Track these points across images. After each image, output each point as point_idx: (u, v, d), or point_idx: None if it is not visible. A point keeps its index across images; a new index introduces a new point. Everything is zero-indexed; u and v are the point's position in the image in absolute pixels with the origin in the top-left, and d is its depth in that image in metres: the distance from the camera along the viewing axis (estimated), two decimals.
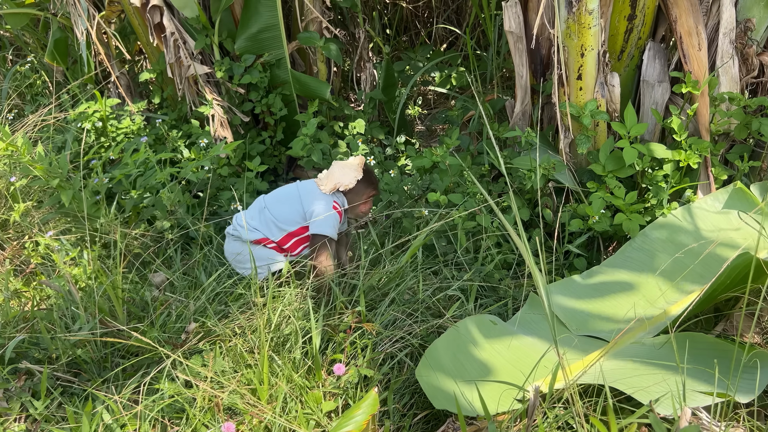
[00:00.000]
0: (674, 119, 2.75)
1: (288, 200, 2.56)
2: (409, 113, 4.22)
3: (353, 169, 2.58)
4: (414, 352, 1.98)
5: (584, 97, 2.83)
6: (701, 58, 2.79)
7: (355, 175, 2.56)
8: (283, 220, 2.51)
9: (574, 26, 2.66)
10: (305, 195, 2.55)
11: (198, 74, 3.46)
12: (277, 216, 2.51)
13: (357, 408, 1.62)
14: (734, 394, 1.50)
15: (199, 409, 1.59)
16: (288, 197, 2.57)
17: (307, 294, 2.02)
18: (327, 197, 2.53)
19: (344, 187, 2.54)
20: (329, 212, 2.46)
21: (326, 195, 2.54)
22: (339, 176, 2.55)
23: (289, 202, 2.54)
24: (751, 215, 2.34)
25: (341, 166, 2.59)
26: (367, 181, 2.60)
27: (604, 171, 2.78)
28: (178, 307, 2.07)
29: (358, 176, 2.56)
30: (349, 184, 2.54)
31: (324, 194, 2.54)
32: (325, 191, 2.53)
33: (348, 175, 2.56)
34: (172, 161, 3.36)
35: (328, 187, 2.53)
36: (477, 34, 4.63)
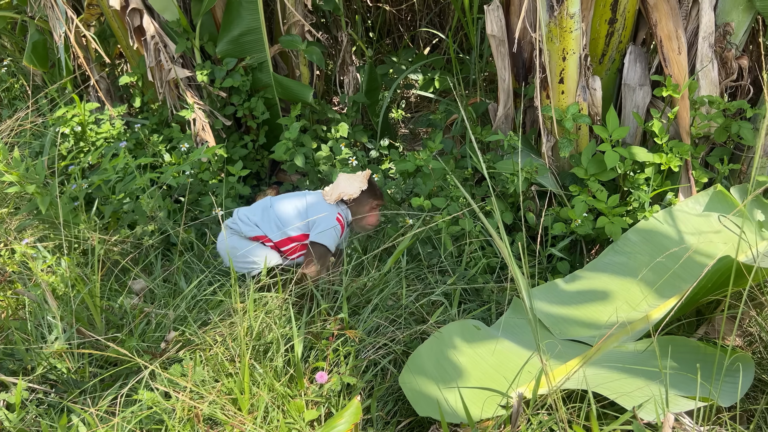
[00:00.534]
0: (655, 122, 2.77)
1: (294, 204, 2.58)
2: (392, 117, 4.21)
3: (358, 180, 2.60)
4: (397, 359, 1.97)
5: (566, 100, 2.84)
6: (681, 62, 2.81)
7: (359, 185, 2.58)
8: (284, 221, 2.53)
9: (556, 30, 2.67)
10: (311, 203, 2.58)
11: (179, 78, 3.42)
12: (280, 216, 2.54)
13: (339, 417, 1.60)
14: (717, 398, 1.50)
15: (178, 420, 1.56)
16: (294, 201, 2.60)
17: (289, 301, 1.99)
18: (332, 208, 2.56)
19: (348, 197, 2.56)
20: (332, 224, 2.48)
21: (331, 206, 2.56)
22: (344, 186, 2.58)
23: (294, 206, 2.57)
24: (729, 218, 2.36)
25: (347, 177, 2.62)
26: (371, 192, 2.63)
27: (586, 174, 2.79)
28: (158, 315, 2.03)
29: (362, 187, 2.58)
30: (354, 194, 2.56)
31: (329, 205, 2.56)
32: (330, 202, 2.56)
33: (353, 185, 2.58)
34: (153, 166, 3.32)
35: (333, 197, 2.56)
36: (460, 38, 4.64)
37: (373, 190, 2.66)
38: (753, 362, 1.70)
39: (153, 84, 3.60)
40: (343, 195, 2.56)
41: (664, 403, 1.47)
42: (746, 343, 2.15)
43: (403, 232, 2.63)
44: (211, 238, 2.86)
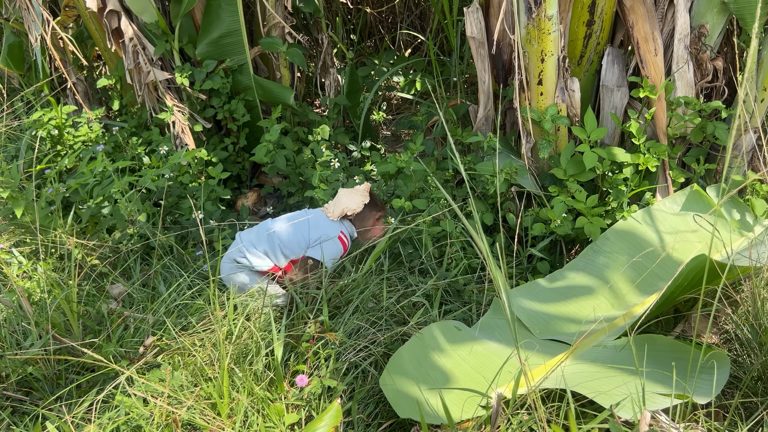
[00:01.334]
0: (633, 123, 2.80)
1: (297, 227, 2.52)
2: (373, 119, 4.21)
3: (359, 194, 2.57)
4: (378, 361, 1.96)
5: (545, 102, 2.86)
6: (658, 63, 2.85)
7: (362, 199, 2.55)
8: (289, 247, 2.47)
9: (534, 32, 2.69)
10: (314, 224, 2.52)
11: (158, 80, 3.39)
12: (284, 242, 2.47)
13: (320, 420, 1.59)
14: (692, 395, 1.52)
15: (156, 426, 1.55)
16: (297, 224, 2.54)
17: (269, 305, 1.98)
18: (335, 225, 2.52)
19: (351, 212, 2.52)
20: (334, 243, 2.45)
21: (334, 223, 2.53)
22: (346, 201, 2.54)
23: (299, 230, 2.51)
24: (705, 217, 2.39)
25: (347, 192, 2.59)
26: (373, 204, 2.60)
27: (565, 175, 2.81)
28: (136, 320, 2.01)
29: (365, 201, 2.55)
30: (357, 208, 2.52)
31: (332, 222, 2.53)
32: (333, 218, 2.52)
33: (354, 200, 2.54)
34: (132, 169, 3.29)
35: (335, 214, 2.52)
36: (440, 40, 4.65)
37: (375, 201, 2.63)
38: (728, 359, 1.72)
39: (132, 86, 3.57)
40: (346, 210, 2.52)
41: (640, 401, 1.49)
42: (722, 341, 2.18)
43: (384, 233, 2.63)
44: (191, 242, 2.84)
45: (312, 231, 2.49)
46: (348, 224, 2.58)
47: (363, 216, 2.57)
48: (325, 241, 2.44)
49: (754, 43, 2.06)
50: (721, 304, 2.10)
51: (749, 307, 2.01)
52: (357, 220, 2.58)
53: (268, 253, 2.46)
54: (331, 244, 2.45)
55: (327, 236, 2.46)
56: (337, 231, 2.51)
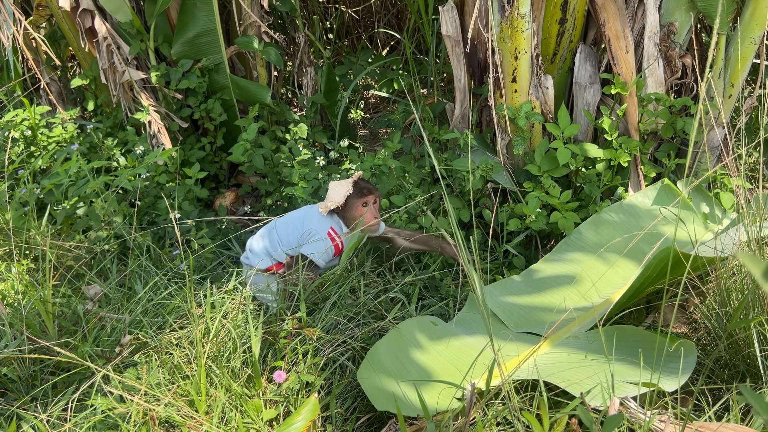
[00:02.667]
0: (605, 119, 2.85)
1: (293, 223, 2.51)
2: (351, 117, 4.22)
3: (344, 186, 2.50)
4: (356, 356, 1.98)
5: (519, 99, 2.90)
6: (629, 61, 2.91)
7: (345, 191, 2.48)
8: (286, 243, 2.47)
9: (508, 30, 2.72)
10: (306, 217, 2.51)
11: (133, 80, 3.37)
12: (282, 238, 2.48)
13: (297, 414, 1.61)
14: (658, 382, 1.56)
15: (133, 424, 1.55)
16: (294, 220, 2.53)
17: (247, 302, 1.99)
18: (323, 220, 2.48)
19: (335, 204, 2.45)
20: (322, 239, 2.42)
21: (323, 218, 2.49)
22: (332, 195, 2.49)
23: (294, 226, 2.50)
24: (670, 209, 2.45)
25: (335, 185, 2.53)
26: (356, 191, 2.50)
27: (539, 171, 2.86)
28: (112, 320, 2.00)
29: (348, 192, 2.47)
30: (340, 201, 2.46)
31: (322, 217, 2.49)
32: (323, 213, 2.48)
33: (339, 192, 2.48)
34: (107, 170, 3.26)
35: (324, 208, 2.48)
36: (417, 39, 4.68)
37: (359, 188, 2.52)
38: (695, 347, 1.77)
39: (106, 86, 3.54)
40: (331, 204, 2.46)
41: (610, 389, 1.52)
42: (691, 330, 2.24)
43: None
44: (168, 241, 2.83)
45: (305, 224, 2.48)
46: (336, 218, 2.53)
47: (348, 206, 2.50)
48: (313, 238, 2.42)
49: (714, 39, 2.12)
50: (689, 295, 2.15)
51: (716, 297, 2.06)
52: (344, 212, 2.52)
53: (269, 251, 2.46)
54: (319, 242, 2.42)
55: (315, 232, 2.44)
56: (326, 227, 2.47)
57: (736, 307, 1.92)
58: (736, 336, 1.90)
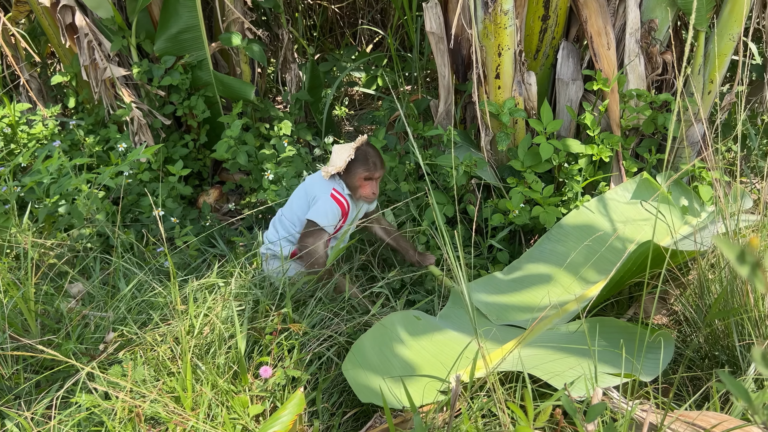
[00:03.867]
0: (587, 115, 2.88)
1: (297, 198, 2.48)
2: (336, 114, 4.22)
3: (346, 151, 2.39)
4: (342, 351, 1.99)
5: (503, 95, 2.92)
6: (610, 57, 2.94)
7: (346, 156, 2.36)
8: (298, 221, 2.44)
9: (491, 26, 2.74)
10: (308, 184, 2.47)
11: (115, 77, 3.34)
12: (291, 218, 2.45)
13: (283, 409, 1.61)
14: (639, 373, 1.59)
15: (118, 421, 1.54)
16: (296, 195, 2.49)
17: (230, 298, 1.98)
18: (326, 183, 2.41)
19: (336, 169, 2.36)
20: (327, 202, 2.35)
21: (326, 181, 2.41)
22: (334, 158, 2.39)
23: (298, 200, 2.47)
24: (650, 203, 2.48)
25: (338, 148, 2.43)
26: (360, 161, 2.39)
27: (522, 167, 2.88)
28: (96, 318, 1.99)
29: (348, 157, 2.36)
30: (340, 166, 2.36)
31: (324, 181, 2.42)
32: (325, 177, 2.41)
33: (340, 156, 2.38)
34: (89, 167, 3.23)
35: (327, 172, 2.41)
36: (401, 35, 4.69)
37: (362, 158, 2.40)
38: (673, 339, 1.80)
39: (88, 83, 3.50)
40: (331, 169, 2.37)
41: (593, 380, 1.55)
42: (672, 321, 2.28)
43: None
44: (152, 239, 2.81)
45: (308, 191, 2.43)
46: (339, 180, 2.44)
47: (349, 173, 2.40)
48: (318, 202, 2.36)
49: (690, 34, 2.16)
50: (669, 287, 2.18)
51: (695, 288, 2.10)
52: (346, 178, 2.42)
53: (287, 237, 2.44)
54: (323, 202, 2.35)
55: (319, 196, 2.38)
56: (329, 188, 2.39)
57: (715, 299, 1.95)
58: (715, 326, 1.94)
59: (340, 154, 2.40)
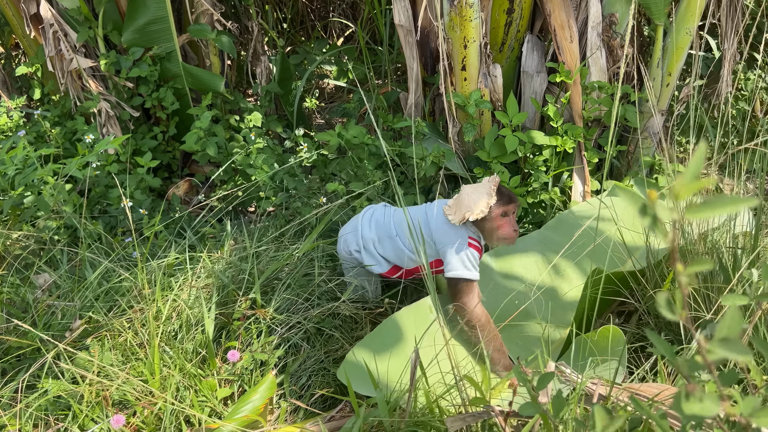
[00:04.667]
0: (550, 107, 2.96)
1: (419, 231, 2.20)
2: (306, 106, 4.24)
3: (485, 193, 2.12)
4: (310, 336, 2.02)
5: (469, 87, 2.98)
6: (573, 50, 3.02)
7: (487, 200, 2.10)
8: (413, 251, 2.20)
9: (457, 19, 2.79)
10: (434, 228, 2.20)
11: (82, 68, 3.31)
12: (409, 247, 2.21)
13: (254, 392, 1.64)
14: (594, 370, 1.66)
15: (86, 404, 1.55)
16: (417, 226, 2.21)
17: (198, 284, 2.00)
18: (459, 231, 2.15)
19: (475, 217, 2.10)
20: (462, 249, 2.12)
21: (458, 229, 2.16)
22: (468, 204, 2.11)
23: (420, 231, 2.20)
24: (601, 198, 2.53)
25: (470, 191, 2.16)
26: (500, 202, 2.14)
27: (489, 157, 2.94)
28: (62, 306, 1.99)
29: (490, 202, 2.10)
30: (480, 213, 2.09)
31: (455, 228, 2.16)
32: (455, 222, 2.13)
33: (478, 202, 2.10)
34: (56, 158, 3.20)
35: (456, 219, 2.13)
36: (372, 29, 4.72)
37: (502, 197, 2.15)
38: (623, 337, 1.81)
39: (53, 74, 3.46)
40: (468, 215, 2.09)
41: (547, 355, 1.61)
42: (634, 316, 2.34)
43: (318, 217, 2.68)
44: (120, 229, 2.81)
45: (435, 236, 2.18)
46: (472, 227, 2.20)
47: (488, 217, 2.15)
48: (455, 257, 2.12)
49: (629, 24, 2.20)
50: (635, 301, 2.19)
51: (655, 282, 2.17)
52: (480, 222, 2.17)
53: (389, 258, 2.25)
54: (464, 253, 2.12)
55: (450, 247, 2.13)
56: (465, 236, 2.15)
57: (666, 280, 2.04)
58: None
59: (475, 199, 2.12)
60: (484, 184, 2.16)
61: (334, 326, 2.07)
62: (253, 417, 1.51)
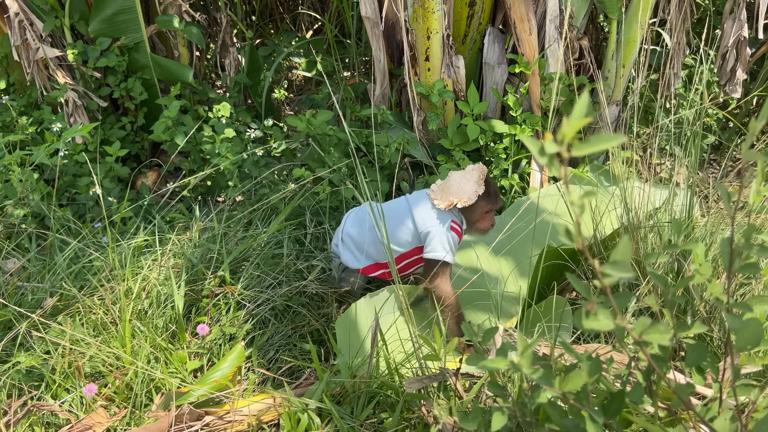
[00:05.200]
0: (510, 97, 3.07)
1: (399, 221, 2.23)
2: (275, 97, 4.29)
3: (473, 182, 2.15)
4: (277, 312, 2.10)
5: (432, 77, 3.08)
6: (532, 42, 3.14)
7: (475, 189, 2.14)
8: (396, 242, 2.21)
9: (420, 11, 2.89)
10: (417, 212, 2.21)
11: (48, 57, 3.32)
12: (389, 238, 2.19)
13: (223, 361, 1.71)
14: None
15: (59, 374, 1.60)
16: (399, 217, 2.24)
17: (168, 263, 2.06)
18: (443, 215, 2.18)
19: (462, 204, 2.13)
20: (445, 233, 2.14)
21: (443, 214, 2.18)
22: (456, 190, 2.15)
23: (402, 223, 2.22)
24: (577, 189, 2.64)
25: (459, 178, 2.18)
26: (486, 195, 2.18)
27: (452, 145, 3.05)
28: (32, 287, 2.03)
29: (479, 191, 2.13)
30: (468, 200, 2.13)
31: (440, 213, 2.18)
32: (441, 208, 2.16)
33: (466, 190, 2.14)
34: (23, 145, 3.20)
35: (443, 204, 2.15)
36: (341, 22, 4.79)
37: (489, 193, 2.20)
38: (569, 307, 1.94)
39: (19, 64, 3.45)
40: (456, 201, 2.13)
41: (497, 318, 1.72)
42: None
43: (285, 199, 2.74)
44: (89, 215, 2.84)
45: (417, 221, 2.20)
46: (457, 213, 2.23)
47: (473, 207, 2.19)
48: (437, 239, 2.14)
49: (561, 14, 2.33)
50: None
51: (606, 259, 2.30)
52: (467, 211, 2.21)
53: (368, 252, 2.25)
54: (445, 236, 2.15)
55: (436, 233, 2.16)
56: (448, 221, 2.18)
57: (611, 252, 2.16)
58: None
59: (464, 186, 2.16)
60: (472, 172, 2.18)
61: (301, 303, 2.15)
62: (223, 381, 1.58)
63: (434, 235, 2.15)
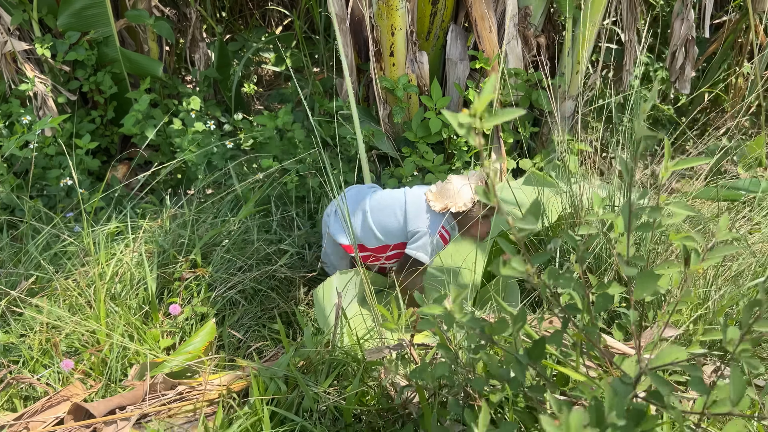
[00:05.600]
0: (471, 92, 3.21)
1: (392, 211, 2.23)
2: (245, 92, 4.37)
3: (470, 188, 2.15)
4: (247, 294, 2.20)
5: (397, 72, 3.20)
6: (492, 39, 3.28)
7: (471, 196, 2.14)
8: (383, 231, 2.24)
9: (384, 7, 3.00)
10: (411, 210, 2.21)
11: (16, 51, 3.34)
12: (376, 224, 2.23)
13: (195, 336, 1.81)
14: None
15: (37, 351, 1.68)
16: (392, 207, 2.24)
17: (141, 247, 2.14)
18: (435, 218, 2.18)
19: (457, 209, 2.14)
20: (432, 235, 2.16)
21: (436, 216, 2.19)
22: (453, 195, 2.14)
23: (393, 214, 2.23)
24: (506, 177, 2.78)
25: (458, 182, 2.17)
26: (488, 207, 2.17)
27: (416, 138, 3.18)
28: (5, 272, 2.09)
29: (474, 198, 2.14)
30: (463, 207, 2.13)
31: (433, 213, 2.19)
32: (435, 209, 2.16)
33: (463, 195, 2.13)
34: None
35: (438, 206, 2.15)
36: (310, 18, 4.88)
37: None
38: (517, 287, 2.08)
39: None
40: (451, 207, 2.13)
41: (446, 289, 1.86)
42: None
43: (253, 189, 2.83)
44: (60, 205, 2.88)
45: (409, 219, 2.21)
46: (450, 218, 2.23)
47: (468, 214, 2.18)
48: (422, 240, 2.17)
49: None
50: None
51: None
52: (462, 218, 2.21)
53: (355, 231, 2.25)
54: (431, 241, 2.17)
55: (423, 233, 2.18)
56: (438, 225, 2.18)
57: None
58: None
59: (461, 193, 2.15)
60: (471, 178, 2.18)
61: (270, 287, 2.25)
62: (196, 353, 1.68)
63: (421, 236, 2.18)
